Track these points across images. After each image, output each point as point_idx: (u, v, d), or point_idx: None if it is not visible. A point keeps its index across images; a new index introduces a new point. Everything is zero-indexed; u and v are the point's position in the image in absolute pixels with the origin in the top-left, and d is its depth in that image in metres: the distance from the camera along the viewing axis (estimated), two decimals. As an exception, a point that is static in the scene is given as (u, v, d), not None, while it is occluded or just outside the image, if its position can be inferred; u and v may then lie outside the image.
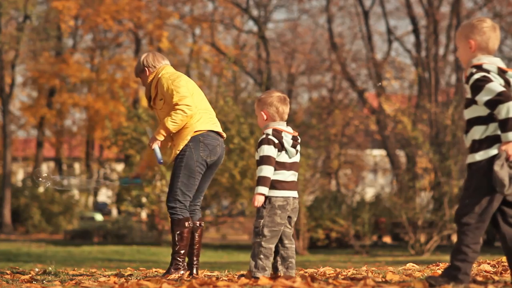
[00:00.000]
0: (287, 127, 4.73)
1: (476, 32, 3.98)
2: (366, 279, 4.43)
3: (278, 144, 4.64)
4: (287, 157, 4.68)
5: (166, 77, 5.82)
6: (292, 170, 4.71)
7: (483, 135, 3.86)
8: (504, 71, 3.89)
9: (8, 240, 27.09)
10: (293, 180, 4.72)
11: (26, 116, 37.39)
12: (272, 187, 4.66)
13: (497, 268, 5.32)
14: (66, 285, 4.84)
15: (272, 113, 4.73)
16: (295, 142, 4.71)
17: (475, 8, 32.58)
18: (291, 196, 4.70)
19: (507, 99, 3.75)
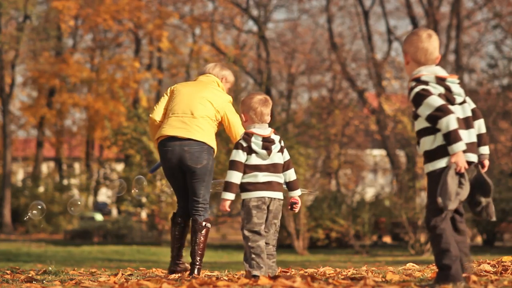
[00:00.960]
0: (263, 129, 4.77)
1: (412, 45, 4.10)
2: (366, 279, 4.43)
3: (246, 148, 4.71)
4: (259, 160, 4.72)
5: None
6: (267, 172, 4.73)
7: (433, 145, 3.96)
8: (443, 79, 3.96)
9: (8, 240, 27.09)
10: (270, 180, 4.73)
11: (26, 116, 37.38)
12: (245, 189, 4.74)
13: (497, 268, 5.31)
14: (66, 285, 4.84)
15: (251, 115, 4.80)
16: (267, 144, 4.73)
17: (475, 8, 32.57)
18: (266, 196, 4.72)
19: (446, 113, 3.83)
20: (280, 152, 4.81)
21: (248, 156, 4.72)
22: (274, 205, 4.75)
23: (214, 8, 36.04)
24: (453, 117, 3.84)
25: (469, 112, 4.04)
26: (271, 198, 4.73)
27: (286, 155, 4.86)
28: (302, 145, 24.48)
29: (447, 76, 3.98)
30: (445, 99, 3.94)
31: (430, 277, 4.65)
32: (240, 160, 4.71)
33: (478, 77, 32.74)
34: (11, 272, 6.29)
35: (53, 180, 36.49)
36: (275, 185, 4.75)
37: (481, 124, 4.11)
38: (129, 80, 34.18)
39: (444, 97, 3.94)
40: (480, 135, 4.08)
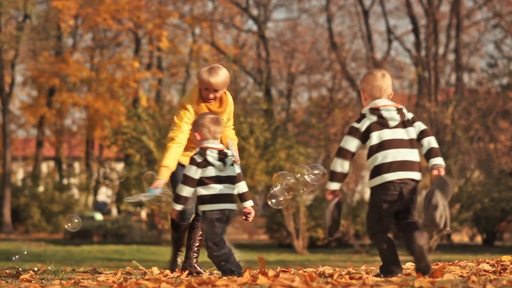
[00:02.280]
0: (217, 144, 5.07)
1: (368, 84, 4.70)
2: (365, 279, 4.43)
3: (202, 162, 4.99)
4: (217, 171, 5.00)
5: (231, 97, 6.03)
6: (229, 183, 5.03)
7: (371, 166, 4.59)
8: (376, 109, 4.58)
9: (8, 239, 27.09)
10: (229, 192, 5.03)
11: (26, 115, 37.38)
12: (206, 201, 5.01)
13: (496, 268, 5.32)
14: (65, 284, 4.84)
15: (205, 133, 5.09)
16: (222, 156, 5.02)
17: (475, 7, 32.58)
18: (226, 208, 5.01)
19: (338, 155, 4.64)
20: (232, 165, 5.08)
21: (204, 169, 4.99)
22: (231, 215, 5.05)
23: (214, 7, 36.05)
24: (338, 161, 4.65)
25: (413, 134, 4.63)
26: (230, 209, 5.02)
27: (238, 169, 5.13)
28: (302, 145, 24.49)
29: (380, 105, 4.58)
30: (379, 124, 4.56)
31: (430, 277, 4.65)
32: (192, 176, 4.99)
33: (478, 77, 32.74)
34: (10, 271, 6.29)
35: (53, 180, 36.49)
36: (233, 197, 5.06)
37: (431, 140, 4.66)
38: (129, 79, 34.17)
39: (377, 123, 4.56)
40: (431, 149, 4.65)
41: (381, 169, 4.53)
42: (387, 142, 4.52)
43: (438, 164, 4.66)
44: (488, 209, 23.60)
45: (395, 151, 4.52)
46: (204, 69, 5.60)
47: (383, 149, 4.52)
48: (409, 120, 4.62)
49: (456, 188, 21.78)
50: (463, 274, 4.86)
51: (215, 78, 5.67)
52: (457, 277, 4.65)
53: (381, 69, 4.73)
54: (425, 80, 29.42)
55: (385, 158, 4.51)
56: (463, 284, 4.07)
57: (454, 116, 24.58)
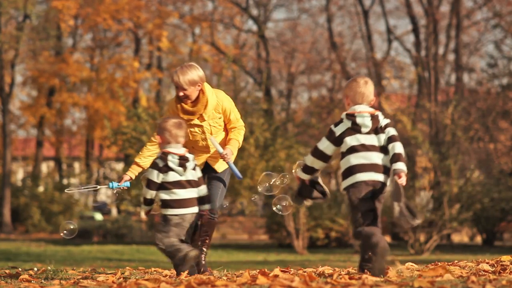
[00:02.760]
0: (178, 149, 5.21)
1: (351, 90, 5.00)
2: (365, 279, 4.43)
3: (163, 167, 5.16)
4: (178, 176, 5.17)
5: (226, 97, 6.14)
6: (190, 187, 5.21)
7: (343, 168, 4.90)
8: (351, 115, 4.90)
9: (8, 239, 27.09)
10: (189, 197, 5.20)
11: (26, 115, 37.38)
12: (167, 205, 5.18)
13: (496, 268, 5.32)
14: (65, 284, 4.84)
15: (167, 137, 5.23)
16: (183, 161, 5.18)
17: (475, 8, 32.57)
18: (188, 213, 5.19)
19: (312, 153, 4.99)
20: (193, 169, 5.26)
21: (165, 174, 5.16)
22: (190, 219, 5.22)
23: (214, 7, 36.05)
24: (310, 158, 5.04)
25: (383, 141, 4.92)
26: (191, 213, 5.20)
27: (199, 173, 5.31)
28: (302, 145, 24.48)
29: (356, 112, 4.89)
30: (353, 130, 4.89)
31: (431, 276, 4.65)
32: (154, 179, 5.18)
33: (477, 77, 32.75)
34: (10, 271, 6.29)
35: (53, 180, 36.49)
36: (193, 201, 5.23)
37: (395, 145, 4.95)
38: (129, 79, 34.18)
39: (351, 129, 4.89)
40: (394, 154, 4.91)
41: (353, 170, 4.83)
42: (359, 146, 4.86)
43: (399, 169, 4.86)
44: (488, 209, 23.60)
45: (367, 154, 4.85)
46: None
47: (354, 152, 4.85)
48: (381, 127, 4.92)
49: (456, 188, 21.78)
50: (462, 274, 4.86)
51: (178, 77, 5.86)
52: (457, 277, 4.65)
53: (364, 77, 5.03)
54: (425, 80, 29.42)
55: (356, 160, 4.84)
56: (463, 284, 4.07)
57: (454, 116, 24.57)
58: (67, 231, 6.03)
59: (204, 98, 6.00)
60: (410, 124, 22.85)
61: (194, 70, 5.93)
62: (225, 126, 6.18)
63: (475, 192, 22.39)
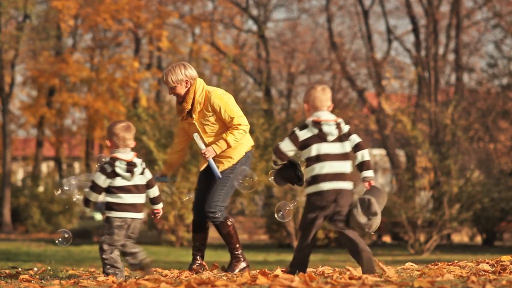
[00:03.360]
0: (126, 154, 5.36)
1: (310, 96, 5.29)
2: (365, 279, 4.44)
3: (111, 173, 5.32)
4: (124, 181, 5.33)
5: (219, 96, 6.16)
6: (137, 193, 5.38)
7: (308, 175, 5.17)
8: (318, 122, 5.16)
9: (8, 239, 27.09)
10: (134, 202, 5.37)
11: (26, 115, 37.36)
12: (111, 208, 5.35)
13: (496, 268, 5.32)
14: (65, 284, 4.84)
15: (115, 141, 5.37)
16: (130, 167, 5.33)
17: (475, 8, 32.56)
18: (129, 217, 5.38)
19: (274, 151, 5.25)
20: (141, 174, 5.42)
21: (113, 179, 5.31)
22: (134, 224, 5.43)
23: (213, 7, 36.04)
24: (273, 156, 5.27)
25: (348, 148, 5.20)
26: (132, 218, 5.39)
27: (148, 175, 5.48)
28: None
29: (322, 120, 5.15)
30: (319, 137, 5.13)
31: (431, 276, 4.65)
32: (100, 184, 5.34)
33: (477, 77, 32.74)
34: (10, 271, 6.29)
35: (53, 180, 36.46)
36: (138, 207, 5.40)
37: (364, 153, 5.29)
38: (129, 79, 34.16)
39: (317, 136, 5.13)
40: (363, 162, 5.26)
41: (317, 178, 5.09)
42: (324, 155, 5.09)
43: (369, 177, 5.26)
44: (488, 209, 23.60)
45: (331, 163, 5.09)
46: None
47: (320, 161, 5.09)
48: (345, 134, 5.21)
49: (456, 188, 21.78)
50: (462, 274, 4.86)
51: (164, 75, 6.14)
52: (457, 277, 4.65)
53: (322, 84, 5.43)
54: (425, 80, 29.41)
55: (321, 169, 5.08)
56: (463, 284, 4.07)
57: (454, 116, 24.58)
58: (62, 239, 6.05)
59: (189, 96, 6.08)
60: (410, 124, 22.85)
61: (181, 68, 6.10)
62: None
63: (475, 192, 22.39)
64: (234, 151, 6.23)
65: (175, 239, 23.05)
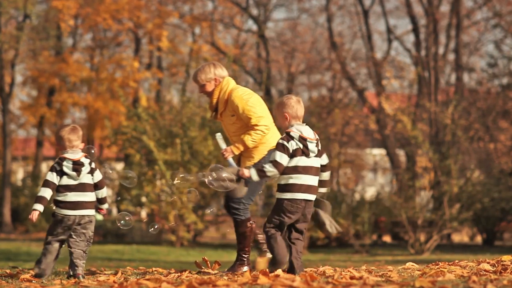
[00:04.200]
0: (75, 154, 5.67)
1: (288, 107, 5.62)
2: (366, 278, 4.43)
3: (59, 171, 5.60)
4: (71, 180, 5.61)
5: (239, 95, 6.20)
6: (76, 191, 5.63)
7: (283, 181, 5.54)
8: (304, 139, 5.53)
9: (8, 239, 27.09)
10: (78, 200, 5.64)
11: (26, 115, 37.35)
12: (57, 205, 5.67)
13: (497, 268, 5.31)
14: (66, 284, 4.83)
15: (63, 143, 5.70)
16: (77, 166, 5.61)
17: (475, 7, 32.56)
18: (71, 214, 5.64)
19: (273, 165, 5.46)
20: (90, 173, 5.68)
21: (61, 177, 5.60)
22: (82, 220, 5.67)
23: (214, 7, 36.03)
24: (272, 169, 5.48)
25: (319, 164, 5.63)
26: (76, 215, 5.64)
27: (98, 176, 5.75)
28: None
29: (307, 137, 5.55)
30: (303, 152, 5.52)
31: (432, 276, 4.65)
32: (52, 180, 5.63)
33: (477, 76, 32.73)
34: (11, 271, 6.29)
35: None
36: (83, 204, 5.66)
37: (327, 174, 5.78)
38: (129, 79, 34.15)
39: (301, 150, 5.51)
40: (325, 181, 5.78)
41: (293, 187, 5.50)
42: (302, 168, 5.50)
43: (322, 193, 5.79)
44: (488, 209, 23.60)
45: (306, 176, 5.51)
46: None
47: (297, 173, 5.49)
48: (320, 151, 5.66)
49: (456, 188, 21.77)
50: (463, 274, 4.86)
51: (194, 74, 6.32)
52: (458, 277, 4.65)
53: (296, 95, 5.75)
54: (425, 80, 29.41)
55: (297, 180, 5.49)
56: (464, 284, 4.07)
57: (454, 116, 24.58)
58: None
59: (214, 95, 6.14)
60: (410, 124, 22.85)
61: (210, 67, 6.24)
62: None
63: (475, 192, 22.39)
64: (255, 150, 6.24)
65: (175, 239, 23.05)
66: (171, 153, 22.19)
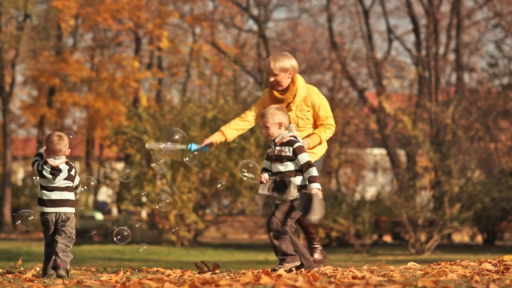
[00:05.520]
0: (57, 159, 6.09)
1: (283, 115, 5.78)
2: (368, 278, 4.43)
3: (40, 172, 6.11)
4: (48, 182, 6.11)
5: (317, 92, 6.32)
6: (56, 191, 6.11)
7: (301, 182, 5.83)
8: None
9: (9, 239, 27.08)
10: (55, 198, 6.13)
11: (26, 115, 37.37)
12: (38, 203, 6.28)
13: (499, 267, 5.31)
14: (68, 284, 4.84)
15: (48, 149, 6.16)
16: (54, 171, 6.04)
17: (475, 7, 32.56)
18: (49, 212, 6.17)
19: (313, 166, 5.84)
20: (67, 179, 6.11)
21: (42, 178, 6.11)
22: (59, 217, 6.14)
23: (214, 7, 36.03)
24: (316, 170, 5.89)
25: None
26: (55, 212, 6.13)
27: (76, 181, 6.21)
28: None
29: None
30: None
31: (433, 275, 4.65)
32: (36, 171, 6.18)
33: (478, 76, 32.73)
34: (11, 271, 6.29)
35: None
36: (59, 202, 6.14)
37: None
38: (129, 79, 34.16)
39: None
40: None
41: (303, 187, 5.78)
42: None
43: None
44: (488, 209, 23.60)
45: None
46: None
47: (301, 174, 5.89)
48: None
49: (456, 188, 21.77)
50: (466, 274, 4.86)
51: (270, 62, 6.18)
52: (460, 277, 4.65)
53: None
54: (425, 80, 29.41)
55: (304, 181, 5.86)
56: (466, 284, 4.07)
57: (455, 115, 24.57)
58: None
59: (294, 88, 6.20)
60: (410, 123, 22.84)
61: (286, 58, 6.18)
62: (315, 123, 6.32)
63: (476, 191, 22.38)
64: (319, 147, 6.34)
65: (175, 238, 23.05)
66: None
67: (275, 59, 6.17)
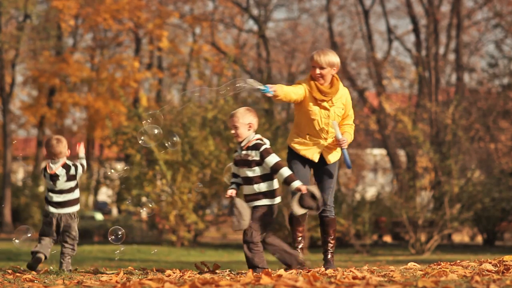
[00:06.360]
0: (54, 165, 6.29)
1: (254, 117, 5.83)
2: (369, 278, 4.43)
3: (42, 175, 6.36)
4: (52, 185, 6.30)
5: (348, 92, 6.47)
6: (60, 194, 6.30)
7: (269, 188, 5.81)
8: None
9: (9, 239, 27.09)
10: (58, 201, 6.31)
11: (26, 115, 37.37)
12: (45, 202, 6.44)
13: (499, 268, 5.31)
14: (69, 284, 4.84)
15: (47, 151, 6.31)
16: (54, 177, 6.24)
17: (475, 7, 32.56)
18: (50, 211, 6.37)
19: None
20: (68, 180, 6.30)
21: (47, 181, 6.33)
22: (63, 218, 6.36)
23: (214, 7, 36.04)
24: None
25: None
26: (58, 213, 6.34)
27: (79, 173, 6.43)
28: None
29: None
30: None
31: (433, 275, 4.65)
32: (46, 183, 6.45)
33: (478, 77, 32.73)
34: (12, 271, 6.29)
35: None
36: (62, 204, 6.31)
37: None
38: (129, 79, 34.16)
39: None
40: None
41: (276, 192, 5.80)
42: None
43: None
44: (488, 209, 23.61)
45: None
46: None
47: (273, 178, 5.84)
48: None
49: (456, 188, 21.78)
50: (466, 274, 4.86)
51: (319, 55, 6.24)
52: (460, 277, 4.65)
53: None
54: (425, 80, 29.41)
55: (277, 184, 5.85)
56: (467, 284, 4.07)
57: (455, 116, 24.57)
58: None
59: (338, 84, 6.30)
60: (410, 124, 22.85)
61: (333, 54, 6.28)
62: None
63: (476, 192, 22.39)
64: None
65: (175, 239, 23.05)
66: (172, 153, 22.20)
67: (324, 53, 6.24)
